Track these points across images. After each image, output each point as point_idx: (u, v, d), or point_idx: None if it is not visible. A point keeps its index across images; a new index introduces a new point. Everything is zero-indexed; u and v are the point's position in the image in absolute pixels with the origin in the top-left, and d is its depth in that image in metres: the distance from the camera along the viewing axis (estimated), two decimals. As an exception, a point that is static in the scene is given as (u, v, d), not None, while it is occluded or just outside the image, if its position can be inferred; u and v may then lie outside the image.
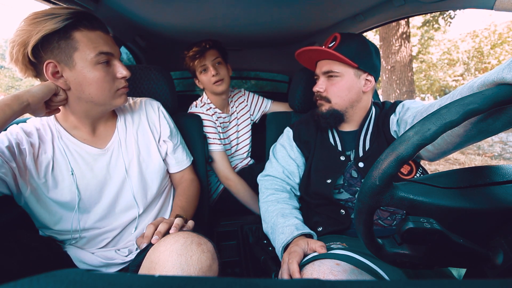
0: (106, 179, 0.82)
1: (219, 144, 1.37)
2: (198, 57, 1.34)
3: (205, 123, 1.34)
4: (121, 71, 0.78)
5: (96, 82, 0.73)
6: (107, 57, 0.74)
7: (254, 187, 1.32)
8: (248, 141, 1.59)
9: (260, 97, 1.66)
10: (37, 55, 0.68)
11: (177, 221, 0.72)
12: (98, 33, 0.73)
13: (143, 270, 0.61)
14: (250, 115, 1.62)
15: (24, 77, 0.73)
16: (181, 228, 0.71)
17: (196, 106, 1.41)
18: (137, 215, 0.85)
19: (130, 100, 0.97)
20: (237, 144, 1.56)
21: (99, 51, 0.72)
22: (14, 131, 0.74)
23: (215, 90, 1.39)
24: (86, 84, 0.73)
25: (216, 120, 1.40)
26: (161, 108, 0.99)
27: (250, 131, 1.60)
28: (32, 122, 0.79)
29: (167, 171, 0.99)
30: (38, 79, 0.74)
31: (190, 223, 0.77)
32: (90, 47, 0.71)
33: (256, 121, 1.67)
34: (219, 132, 1.41)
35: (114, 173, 0.83)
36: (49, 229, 0.76)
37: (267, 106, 1.65)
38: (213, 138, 1.35)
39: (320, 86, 0.94)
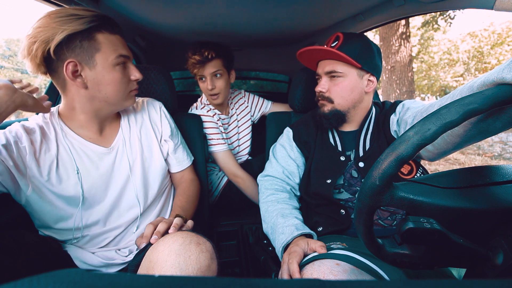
0: (111, 178, 0.83)
1: (224, 143, 1.37)
2: (198, 66, 1.31)
3: (207, 125, 1.34)
4: (135, 74, 0.82)
5: (113, 83, 0.77)
6: (124, 60, 0.79)
7: None
8: (249, 142, 1.60)
9: (260, 98, 1.66)
10: (59, 53, 0.70)
11: (176, 220, 0.72)
12: (117, 37, 0.78)
13: (142, 270, 0.61)
14: (251, 116, 1.62)
15: (33, 73, 0.74)
16: (180, 228, 0.72)
17: (196, 108, 1.41)
18: (138, 214, 0.85)
19: None
20: (238, 145, 1.56)
21: (119, 53, 0.76)
22: (14, 129, 0.73)
23: (210, 101, 1.40)
24: (104, 84, 0.76)
25: (218, 120, 1.40)
26: (163, 108, 1.00)
27: (251, 132, 1.61)
28: (35, 120, 0.79)
29: (168, 171, 0.99)
30: (48, 76, 0.75)
31: (190, 223, 0.77)
32: (111, 49, 0.75)
33: (255, 122, 1.67)
34: (222, 132, 1.40)
35: (118, 172, 0.84)
36: (49, 229, 0.76)
37: (267, 107, 1.66)
38: (217, 139, 1.35)
39: (323, 86, 0.93)
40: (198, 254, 0.58)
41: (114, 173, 0.83)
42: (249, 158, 1.63)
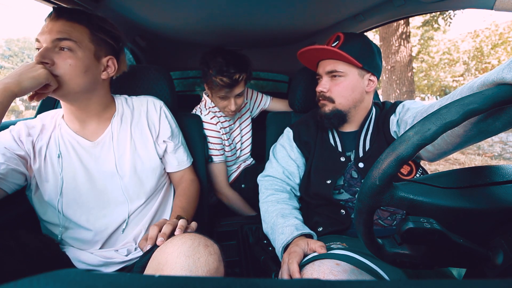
0: (94, 172, 0.83)
1: (221, 155, 1.35)
2: (227, 91, 1.23)
3: (209, 133, 1.33)
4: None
5: None
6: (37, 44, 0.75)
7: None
8: (250, 141, 1.59)
9: (259, 93, 1.64)
10: None
11: (181, 222, 0.71)
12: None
13: (149, 272, 0.60)
14: (250, 112, 1.61)
15: None
16: (185, 230, 0.71)
17: (201, 113, 1.36)
18: (127, 212, 0.85)
19: (133, 97, 0.98)
20: (241, 144, 1.55)
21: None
22: (17, 127, 0.80)
23: (223, 113, 1.39)
24: None
25: (221, 128, 1.37)
26: (164, 108, 0.99)
27: (251, 130, 1.60)
28: (41, 116, 0.86)
29: (167, 170, 0.99)
30: None
31: (193, 224, 0.77)
32: None
33: (254, 117, 1.65)
34: (224, 140, 1.39)
35: (103, 167, 0.84)
36: (44, 222, 0.79)
37: (266, 103, 1.64)
38: (215, 149, 1.34)
39: (324, 86, 0.93)
40: (207, 256, 0.58)
41: (99, 167, 0.84)
42: (253, 162, 1.61)
